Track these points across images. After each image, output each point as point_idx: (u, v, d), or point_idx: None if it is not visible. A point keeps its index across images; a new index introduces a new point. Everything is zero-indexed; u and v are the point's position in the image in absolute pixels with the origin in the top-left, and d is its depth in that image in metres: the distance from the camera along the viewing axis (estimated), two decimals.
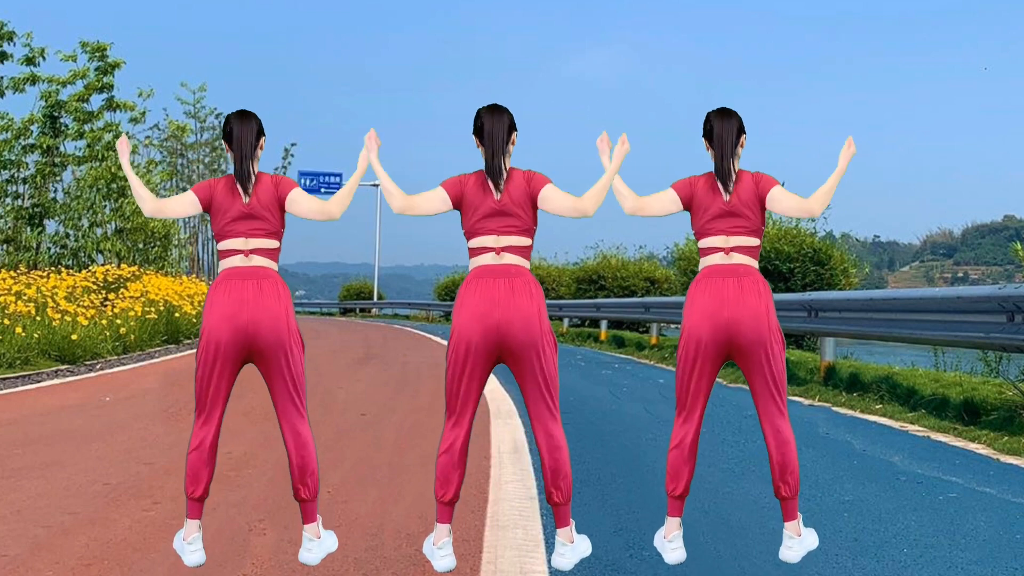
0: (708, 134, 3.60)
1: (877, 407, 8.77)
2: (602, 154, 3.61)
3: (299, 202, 3.60)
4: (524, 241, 3.52)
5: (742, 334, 3.51)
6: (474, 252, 3.53)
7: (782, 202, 3.56)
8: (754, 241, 3.57)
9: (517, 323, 3.44)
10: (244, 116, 3.62)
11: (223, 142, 3.66)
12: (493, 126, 3.53)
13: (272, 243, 3.58)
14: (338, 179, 48.83)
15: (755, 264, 3.59)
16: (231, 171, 3.63)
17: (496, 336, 3.45)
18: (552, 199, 3.52)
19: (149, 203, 3.66)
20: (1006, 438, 6.93)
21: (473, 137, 3.58)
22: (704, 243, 3.60)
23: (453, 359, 3.50)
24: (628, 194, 3.65)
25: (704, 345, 3.55)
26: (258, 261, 3.54)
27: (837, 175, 3.58)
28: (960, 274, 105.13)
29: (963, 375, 10.02)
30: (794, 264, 18.62)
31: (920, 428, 7.75)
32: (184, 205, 3.64)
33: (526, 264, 3.54)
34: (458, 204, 3.56)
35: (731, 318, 3.50)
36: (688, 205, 3.63)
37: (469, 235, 3.54)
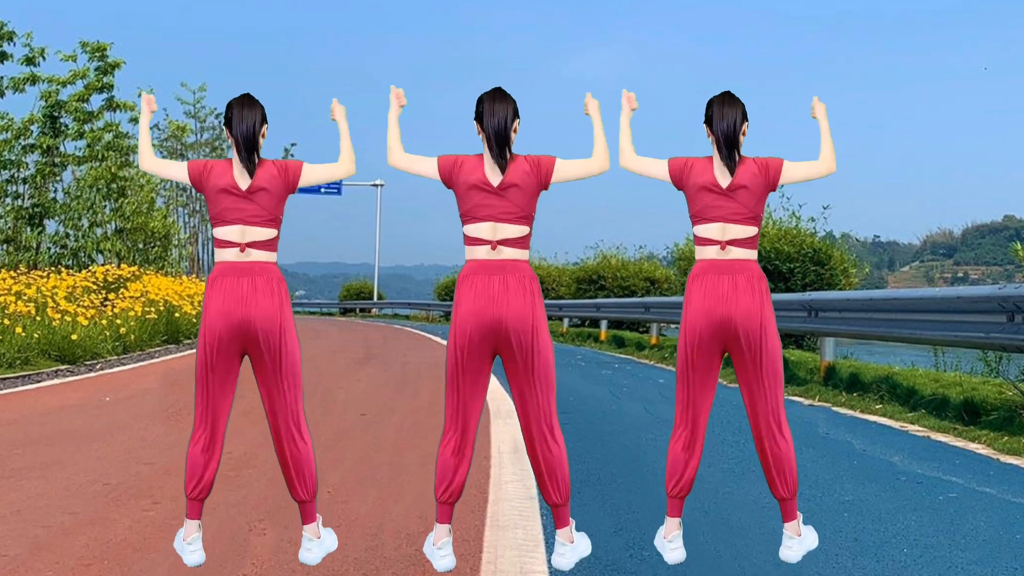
0: (709, 120, 3.58)
1: (877, 407, 8.77)
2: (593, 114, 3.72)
3: (312, 175, 3.65)
4: (522, 230, 3.48)
5: (736, 331, 3.51)
6: (470, 241, 3.50)
7: (797, 172, 3.61)
8: (751, 231, 3.54)
9: (511, 318, 3.43)
10: (246, 101, 3.59)
11: (224, 127, 3.65)
12: (495, 110, 3.50)
13: (270, 232, 3.54)
14: None
15: (753, 255, 3.56)
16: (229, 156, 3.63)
17: (492, 332, 3.44)
18: (566, 170, 3.56)
19: (147, 158, 3.77)
20: (1006, 438, 6.93)
21: (474, 123, 3.54)
22: (700, 231, 3.58)
23: (452, 355, 3.50)
24: (627, 150, 3.71)
25: (701, 342, 3.55)
26: (255, 256, 3.51)
27: (826, 130, 3.67)
28: (960, 274, 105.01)
29: (963, 375, 10.02)
30: (794, 264, 18.61)
31: (920, 428, 7.75)
32: (178, 171, 3.73)
33: (523, 255, 3.51)
34: (449, 182, 3.54)
35: (726, 315, 3.50)
36: (679, 184, 3.62)
37: (465, 219, 3.51)
